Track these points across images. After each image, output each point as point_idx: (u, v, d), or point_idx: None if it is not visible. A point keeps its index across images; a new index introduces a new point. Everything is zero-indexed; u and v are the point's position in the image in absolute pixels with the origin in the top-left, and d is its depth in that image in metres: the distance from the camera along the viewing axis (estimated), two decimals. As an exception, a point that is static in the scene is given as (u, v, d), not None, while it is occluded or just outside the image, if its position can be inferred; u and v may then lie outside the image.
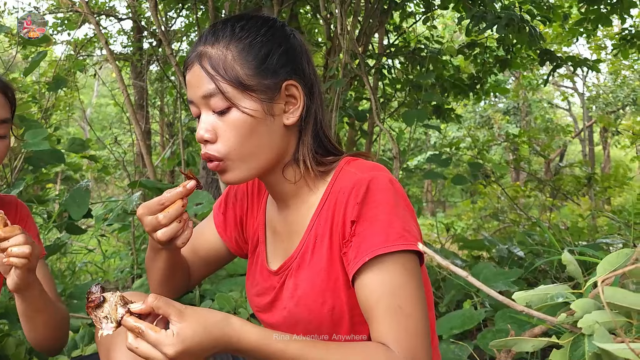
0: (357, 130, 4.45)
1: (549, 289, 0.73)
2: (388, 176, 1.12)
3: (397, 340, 1.00)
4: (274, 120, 1.12)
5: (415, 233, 1.08)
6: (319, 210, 1.16)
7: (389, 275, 1.04)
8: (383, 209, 1.07)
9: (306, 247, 1.17)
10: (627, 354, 0.61)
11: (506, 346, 0.71)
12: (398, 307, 1.02)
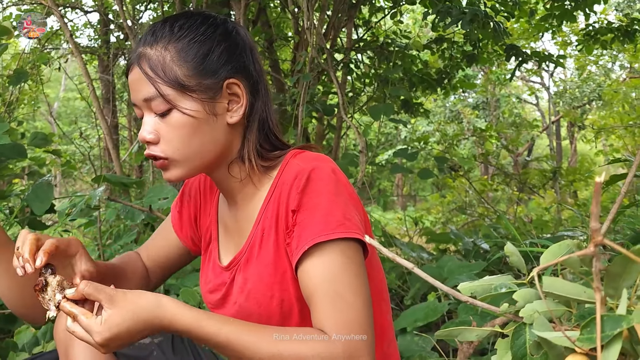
0: (326, 125, 4.46)
1: (493, 279, 0.74)
2: (331, 166, 1.13)
3: (334, 326, 0.99)
4: (216, 119, 1.12)
5: (357, 222, 1.08)
6: (265, 204, 1.17)
7: (329, 262, 1.03)
8: (324, 197, 1.07)
9: (254, 242, 1.18)
10: (563, 342, 0.63)
11: (450, 336, 0.73)
12: (336, 294, 1.01)
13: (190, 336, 1.01)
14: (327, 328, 1.00)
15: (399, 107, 4.83)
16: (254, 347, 0.98)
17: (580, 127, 11.87)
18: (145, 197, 2.50)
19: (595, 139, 8.18)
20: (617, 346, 0.56)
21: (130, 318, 0.99)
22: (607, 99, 9.31)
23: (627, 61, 11.32)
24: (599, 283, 0.59)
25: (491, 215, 5.62)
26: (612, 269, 0.59)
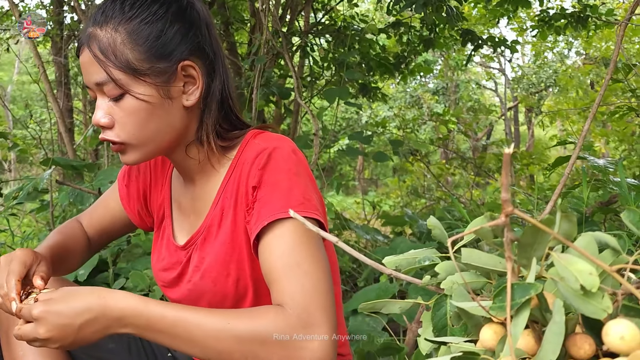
0: (284, 109, 4.44)
1: (418, 253, 0.76)
2: (291, 146, 1.13)
3: (292, 297, 0.98)
4: (172, 103, 1.09)
5: (315, 203, 1.09)
6: (224, 184, 1.16)
7: (288, 236, 1.02)
8: (284, 175, 1.07)
9: (212, 221, 1.17)
10: (479, 311, 0.65)
11: (374, 309, 0.74)
12: (296, 264, 1.00)
13: (136, 322, 0.98)
14: (286, 300, 0.98)
15: (357, 92, 4.84)
16: (204, 325, 0.96)
17: (537, 113, 12.09)
18: (95, 179, 2.46)
19: (550, 124, 8.35)
20: (526, 313, 0.58)
21: (68, 292, 0.99)
22: (562, 84, 9.50)
23: (582, 48, 11.55)
24: (510, 252, 0.60)
25: (448, 198, 5.70)
26: (523, 240, 0.60)
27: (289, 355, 0.94)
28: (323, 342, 0.95)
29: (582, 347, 0.57)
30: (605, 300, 0.55)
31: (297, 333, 0.94)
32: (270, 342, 0.94)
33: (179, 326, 0.96)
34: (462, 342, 0.66)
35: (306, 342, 0.94)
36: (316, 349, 0.94)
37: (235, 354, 0.94)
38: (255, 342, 0.94)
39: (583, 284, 0.54)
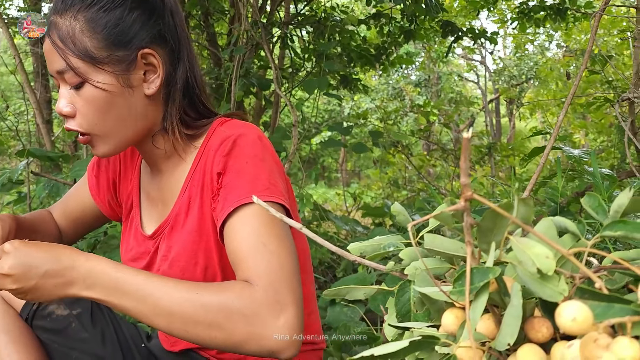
0: (263, 100, 4.43)
1: (383, 239, 0.76)
2: (257, 133, 1.12)
3: (258, 275, 0.97)
4: (132, 91, 1.08)
5: (281, 189, 1.08)
6: (191, 173, 1.16)
7: (254, 218, 1.02)
8: (250, 161, 1.07)
9: (180, 210, 1.17)
10: (440, 296, 0.65)
11: (338, 295, 0.74)
12: (261, 244, 0.99)
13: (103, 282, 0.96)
14: (252, 277, 0.97)
15: (338, 83, 4.83)
16: (171, 293, 0.94)
17: (518, 105, 12.16)
18: (71, 171, 2.43)
19: (530, 116, 8.41)
20: (484, 297, 0.58)
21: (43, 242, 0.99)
22: (542, 76, 9.57)
23: (562, 40, 11.63)
24: (469, 237, 0.61)
25: (429, 190, 5.72)
26: (483, 224, 0.61)
27: (253, 330, 0.93)
28: (288, 320, 0.94)
29: (540, 330, 0.57)
30: (562, 284, 0.56)
31: (263, 309, 0.93)
32: (236, 315, 0.93)
33: (146, 291, 0.94)
34: (425, 328, 0.66)
35: (271, 320, 0.93)
36: (281, 327, 0.93)
37: (200, 324, 0.93)
38: (221, 313, 0.93)
39: (539, 267, 0.55)
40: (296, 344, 0.95)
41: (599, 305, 0.53)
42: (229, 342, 0.94)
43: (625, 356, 0.47)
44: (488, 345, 0.61)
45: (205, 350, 1.24)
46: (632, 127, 2.29)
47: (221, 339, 0.93)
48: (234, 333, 0.93)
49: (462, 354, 0.60)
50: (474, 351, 0.57)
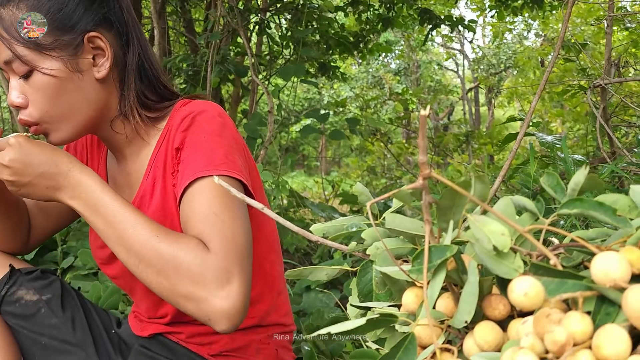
0: (241, 87, 4.40)
1: (346, 220, 0.76)
2: (218, 110, 1.12)
3: (208, 240, 0.97)
4: (82, 76, 1.07)
5: (240, 166, 1.08)
6: (155, 153, 1.15)
7: (210, 192, 1.01)
8: (207, 136, 1.07)
9: (145, 192, 1.16)
10: (401, 276, 0.65)
11: (301, 275, 0.74)
12: (213, 214, 0.99)
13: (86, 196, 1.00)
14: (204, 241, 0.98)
15: (316, 71, 4.82)
16: (137, 228, 0.97)
17: (496, 93, 12.24)
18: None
19: (508, 104, 8.46)
20: (442, 275, 0.58)
21: (48, 145, 1.04)
22: (520, 65, 9.63)
23: (540, 29, 11.71)
24: (428, 215, 0.61)
25: (408, 177, 5.74)
26: (442, 203, 0.60)
27: (195, 290, 0.93)
28: (231, 292, 0.93)
29: (497, 307, 0.57)
30: (517, 261, 0.56)
31: (210, 273, 0.93)
32: (184, 269, 0.93)
33: (118, 218, 0.98)
34: (386, 307, 0.66)
35: (215, 286, 0.93)
36: (223, 296, 0.93)
37: (151, 267, 0.95)
38: (171, 263, 0.94)
39: (495, 245, 0.55)
40: (234, 319, 0.94)
41: (553, 282, 0.53)
42: (172, 294, 0.94)
43: (576, 330, 0.48)
44: (447, 323, 0.61)
45: (175, 334, 1.24)
46: (604, 113, 2.32)
47: (165, 288, 0.95)
48: (177, 286, 0.93)
49: (421, 332, 0.60)
50: (431, 329, 0.57)
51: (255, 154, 2.89)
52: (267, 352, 1.25)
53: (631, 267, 0.51)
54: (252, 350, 1.24)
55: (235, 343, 1.21)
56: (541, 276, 0.54)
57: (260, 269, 1.23)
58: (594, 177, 0.61)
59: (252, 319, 1.23)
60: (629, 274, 0.50)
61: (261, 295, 1.25)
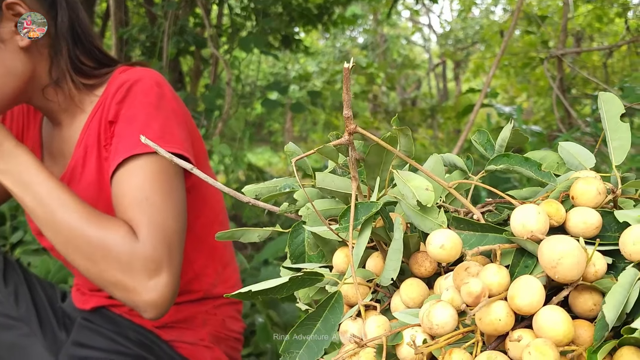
0: (201, 60, 4.32)
1: (279, 181, 0.74)
2: (156, 79, 1.09)
3: (138, 227, 0.97)
4: (5, 46, 1.03)
5: (179, 137, 1.06)
6: (89, 122, 1.12)
7: (142, 173, 1.01)
8: (143, 109, 1.04)
9: (77, 162, 1.13)
10: (330, 235, 0.64)
11: (232, 237, 0.72)
12: (144, 199, 0.99)
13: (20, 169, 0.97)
14: (134, 228, 0.98)
15: (279, 44, 4.76)
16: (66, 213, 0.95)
17: (463, 68, 12.29)
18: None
19: (473, 79, 8.49)
20: (368, 232, 0.57)
21: None
22: (486, 39, 9.66)
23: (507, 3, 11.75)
24: (355, 172, 0.59)
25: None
26: (369, 159, 0.59)
27: (122, 279, 0.94)
28: (159, 283, 0.95)
29: (423, 264, 0.57)
30: (441, 216, 0.55)
31: (138, 263, 0.94)
32: (112, 257, 0.94)
33: (49, 199, 0.96)
34: (317, 268, 0.65)
35: (142, 277, 0.94)
36: (150, 287, 0.95)
37: (79, 252, 0.95)
38: (99, 250, 0.94)
39: (419, 200, 0.54)
40: (161, 308, 0.96)
41: (474, 236, 0.53)
42: (99, 279, 0.95)
43: (492, 282, 0.47)
44: (375, 281, 0.60)
45: (118, 307, 1.22)
46: (560, 84, 2.33)
47: (93, 273, 0.95)
48: (105, 273, 0.94)
49: (348, 291, 0.60)
50: (355, 287, 0.56)
51: (213, 126, 2.84)
52: (214, 322, 1.24)
53: (550, 219, 0.51)
54: (198, 321, 1.23)
55: (181, 314, 1.20)
56: (463, 230, 0.53)
57: (204, 242, 1.22)
58: (518, 131, 0.60)
59: (198, 292, 1.22)
60: (546, 226, 0.49)
61: (205, 269, 1.23)
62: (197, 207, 1.18)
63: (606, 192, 0.52)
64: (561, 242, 0.46)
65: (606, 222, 0.52)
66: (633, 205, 0.54)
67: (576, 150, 0.60)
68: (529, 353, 0.44)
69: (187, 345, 1.21)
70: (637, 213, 0.49)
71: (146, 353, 1.17)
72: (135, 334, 1.20)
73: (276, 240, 2.36)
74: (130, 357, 1.17)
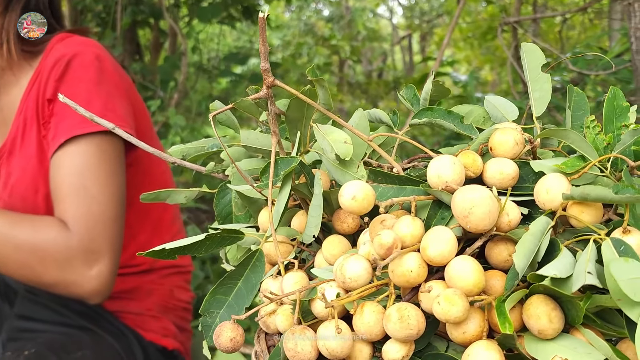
0: (160, 32, 4.22)
1: (207, 141, 0.72)
2: (96, 52, 1.05)
3: (74, 218, 0.96)
4: None
5: (122, 114, 1.03)
6: (27, 92, 1.08)
7: (82, 155, 0.98)
8: (83, 86, 1.01)
9: (16, 133, 1.09)
10: (252, 193, 0.62)
11: (158, 198, 0.70)
12: (82, 187, 0.97)
13: None
14: (69, 219, 0.96)
15: (240, 15, 4.67)
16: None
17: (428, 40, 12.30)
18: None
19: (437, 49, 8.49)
20: (287, 188, 0.56)
21: None
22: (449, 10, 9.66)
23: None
24: (275, 127, 0.58)
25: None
26: (290, 114, 0.58)
27: (64, 277, 0.94)
28: (101, 271, 0.95)
29: (345, 221, 0.55)
30: (361, 170, 0.54)
31: (76, 258, 0.94)
32: (48, 259, 0.93)
33: None
34: (243, 228, 0.63)
35: (83, 269, 0.94)
36: (93, 276, 0.95)
37: (12, 262, 0.94)
38: (33, 255, 0.93)
39: (337, 153, 0.53)
40: (105, 293, 0.97)
41: (392, 188, 0.52)
42: (38, 282, 0.95)
43: (405, 234, 0.46)
44: (298, 240, 0.59)
45: None
46: (515, 52, 2.33)
47: (31, 278, 0.95)
48: (43, 276, 0.94)
49: (270, 250, 0.58)
50: (275, 244, 0.54)
51: (168, 97, 2.79)
52: (161, 292, 1.22)
53: (466, 170, 0.50)
54: (143, 291, 1.21)
55: (125, 285, 1.18)
56: (380, 183, 0.52)
57: (148, 216, 1.20)
58: (440, 84, 0.59)
59: (142, 265, 1.20)
60: (462, 177, 0.49)
61: (149, 243, 1.21)
62: (140, 181, 1.15)
63: (524, 142, 0.52)
64: (473, 191, 0.45)
65: (524, 173, 0.51)
66: (552, 156, 0.54)
67: (500, 103, 0.59)
68: (438, 303, 0.43)
69: (133, 315, 1.19)
70: (552, 162, 0.49)
71: (90, 324, 1.15)
72: (79, 305, 1.17)
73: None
74: (74, 329, 1.15)
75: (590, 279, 0.40)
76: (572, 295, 0.42)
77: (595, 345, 0.42)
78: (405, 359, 0.45)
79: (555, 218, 0.46)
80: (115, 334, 1.15)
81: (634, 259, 0.41)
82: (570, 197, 0.45)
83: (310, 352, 0.46)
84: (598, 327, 0.45)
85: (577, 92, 0.58)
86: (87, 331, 1.13)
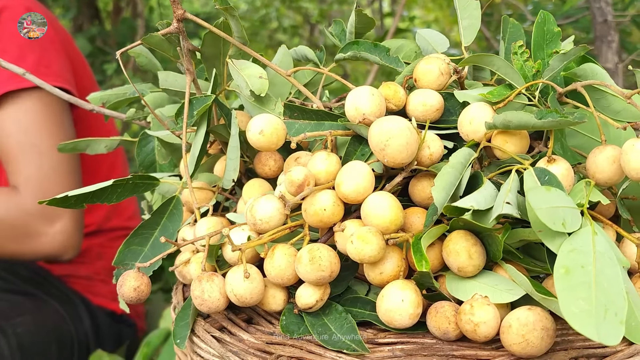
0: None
1: (128, 88, 0.68)
2: (26, 4, 0.99)
3: (27, 180, 0.92)
4: None
5: (57, 68, 0.97)
6: None
7: (23, 112, 0.93)
8: (14, 41, 0.95)
9: None
10: (173, 139, 0.58)
11: (76, 149, 0.66)
12: (30, 145, 0.92)
13: None
14: (20, 183, 0.92)
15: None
16: None
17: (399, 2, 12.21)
18: None
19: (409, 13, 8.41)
20: (203, 129, 0.52)
21: None
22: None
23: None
24: (189, 64, 0.54)
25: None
26: (205, 50, 0.53)
27: (24, 241, 0.91)
28: (64, 225, 0.93)
29: (267, 163, 0.52)
30: (278, 106, 0.50)
31: (34, 219, 0.91)
32: (6, 229, 0.90)
33: None
34: (167, 177, 0.60)
35: (45, 228, 0.92)
36: (57, 232, 0.92)
37: None
38: None
39: (252, 89, 0.49)
40: (75, 247, 0.95)
41: (310, 124, 0.48)
42: (5, 254, 0.93)
43: (320, 170, 0.43)
44: (218, 185, 0.55)
45: None
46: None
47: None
48: (5, 246, 0.91)
49: (188, 196, 0.55)
50: (190, 190, 0.51)
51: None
52: (110, 256, 1.18)
53: (388, 102, 0.47)
54: (93, 254, 1.17)
55: None
56: (297, 119, 0.48)
57: (95, 175, 1.15)
58: (362, 14, 0.55)
59: (90, 226, 1.15)
60: (381, 109, 0.45)
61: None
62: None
63: (450, 72, 0.48)
64: (389, 122, 0.41)
65: (450, 105, 0.48)
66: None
67: (431, 36, 0.56)
68: (351, 242, 0.40)
69: (81, 279, 1.16)
70: (477, 92, 0.46)
71: (35, 289, 1.11)
72: (26, 270, 1.13)
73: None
74: (18, 295, 1.10)
75: (508, 208, 0.37)
76: (493, 228, 0.39)
77: (516, 281, 0.40)
78: (319, 302, 0.42)
79: (479, 150, 0.43)
80: (61, 299, 1.11)
81: (558, 188, 0.38)
82: (492, 126, 0.42)
83: (218, 300, 0.43)
84: (522, 263, 0.42)
85: (513, 22, 0.55)
86: (31, 296, 1.08)
